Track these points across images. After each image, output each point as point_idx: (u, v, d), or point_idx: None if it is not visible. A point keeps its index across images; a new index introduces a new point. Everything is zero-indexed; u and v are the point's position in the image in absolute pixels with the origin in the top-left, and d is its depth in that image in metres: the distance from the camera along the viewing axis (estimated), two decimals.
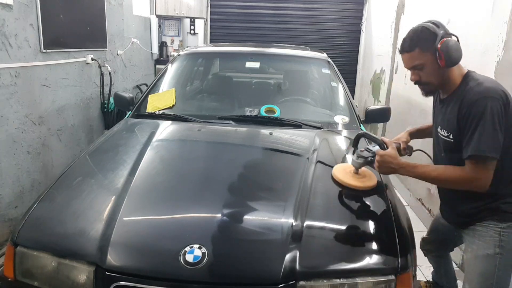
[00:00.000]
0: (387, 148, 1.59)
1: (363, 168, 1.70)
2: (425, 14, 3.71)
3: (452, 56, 1.43)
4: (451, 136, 1.51)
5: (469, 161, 1.42)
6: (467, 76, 1.50)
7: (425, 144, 1.82)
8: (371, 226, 1.51)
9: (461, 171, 1.44)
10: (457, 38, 1.47)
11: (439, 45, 1.43)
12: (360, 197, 1.66)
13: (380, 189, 1.69)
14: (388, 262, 1.33)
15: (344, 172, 1.71)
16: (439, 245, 1.95)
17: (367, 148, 1.67)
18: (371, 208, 1.60)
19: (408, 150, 1.82)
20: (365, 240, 1.45)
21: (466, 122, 1.42)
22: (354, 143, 1.72)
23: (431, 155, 1.74)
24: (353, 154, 1.69)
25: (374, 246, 1.41)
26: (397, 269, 1.32)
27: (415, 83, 1.57)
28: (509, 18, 2.30)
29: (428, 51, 1.46)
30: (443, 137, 1.55)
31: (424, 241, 2.00)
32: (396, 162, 1.52)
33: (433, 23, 1.49)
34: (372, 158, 1.61)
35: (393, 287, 1.30)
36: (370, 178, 1.70)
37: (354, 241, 1.44)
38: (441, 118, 1.58)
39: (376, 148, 1.64)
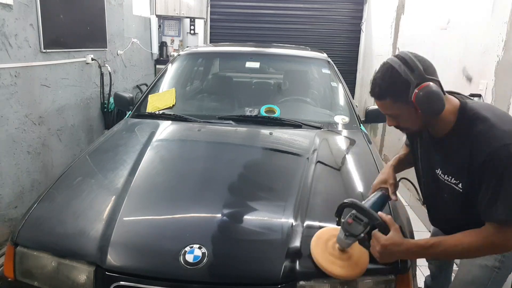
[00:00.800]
0: (388, 230, 1.24)
1: (354, 246, 1.30)
2: (425, 14, 3.71)
3: (431, 108, 1.18)
4: (460, 185, 1.27)
5: (495, 223, 1.17)
6: (465, 111, 1.24)
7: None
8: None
9: (486, 237, 1.18)
10: (438, 82, 1.20)
11: (413, 97, 1.17)
12: (360, 197, 1.65)
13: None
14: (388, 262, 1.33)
15: (325, 249, 1.30)
16: None
17: (356, 217, 1.25)
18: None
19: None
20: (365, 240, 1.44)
21: (484, 175, 1.16)
22: (337, 212, 1.30)
23: (415, 182, 1.52)
24: (337, 225, 1.29)
25: None
26: (397, 269, 1.31)
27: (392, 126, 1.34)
28: (509, 18, 2.30)
29: (401, 102, 1.21)
30: (448, 182, 1.31)
31: None
32: (403, 249, 1.21)
33: (406, 62, 1.19)
34: (365, 235, 1.26)
35: (393, 287, 1.30)
36: (358, 262, 1.28)
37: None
38: (441, 162, 1.34)
39: (367, 220, 1.24)
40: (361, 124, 2.47)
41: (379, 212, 1.29)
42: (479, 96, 2.50)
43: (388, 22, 4.94)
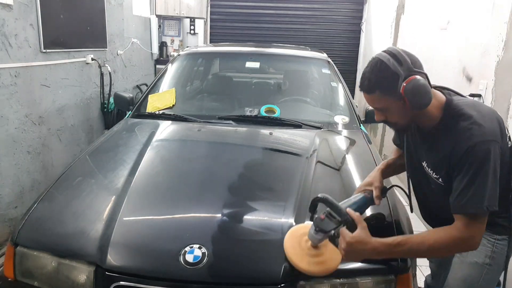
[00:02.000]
0: (355, 228, 1.21)
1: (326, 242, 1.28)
2: (425, 14, 3.71)
3: (418, 102, 1.19)
4: (440, 180, 1.30)
5: (464, 216, 1.18)
6: (450, 108, 1.26)
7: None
8: (371, 226, 1.50)
9: (454, 231, 1.19)
10: (425, 75, 1.22)
11: (402, 89, 1.18)
12: None
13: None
14: (388, 262, 1.33)
15: (298, 246, 1.28)
16: None
17: (329, 214, 1.23)
18: (371, 208, 1.59)
19: (383, 193, 1.47)
20: None
21: (461, 168, 1.19)
22: (311, 207, 1.29)
23: (406, 189, 1.53)
24: (311, 220, 1.28)
25: None
26: (397, 269, 1.32)
27: (380, 122, 1.35)
28: (509, 18, 2.30)
29: (389, 95, 1.22)
30: (433, 177, 1.34)
31: None
32: (369, 248, 1.19)
33: (394, 55, 1.21)
34: (336, 233, 1.23)
35: (393, 287, 1.30)
36: (327, 260, 1.26)
37: None
38: (426, 155, 1.36)
39: (340, 219, 1.22)
40: (361, 124, 2.47)
41: (348, 209, 1.25)
42: (479, 96, 2.50)
43: (388, 22, 4.94)
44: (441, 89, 1.33)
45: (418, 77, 1.18)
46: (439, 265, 1.92)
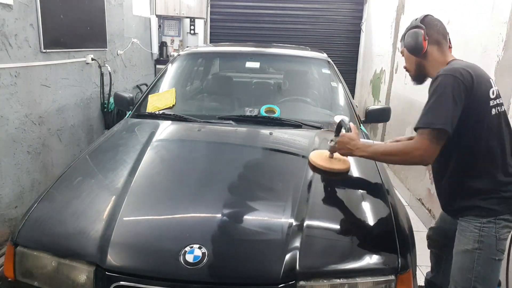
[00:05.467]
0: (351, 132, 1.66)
1: (338, 154, 1.77)
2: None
3: (410, 45, 1.58)
4: None
5: (416, 132, 1.47)
6: (449, 64, 1.55)
7: None
8: (371, 226, 1.51)
9: (407, 143, 1.49)
10: (422, 29, 1.58)
11: (405, 36, 1.62)
12: (360, 197, 1.66)
13: (380, 189, 1.70)
14: (388, 262, 1.33)
15: (319, 157, 1.81)
16: (444, 236, 1.90)
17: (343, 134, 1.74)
18: (371, 208, 1.60)
19: None
20: (365, 240, 1.44)
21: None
22: (336, 130, 1.77)
23: None
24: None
25: (374, 246, 1.41)
26: (397, 269, 1.32)
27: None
28: (509, 18, 2.30)
29: (402, 41, 1.67)
30: None
31: (431, 230, 1.99)
32: (353, 143, 1.60)
33: (421, 16, 1.64)
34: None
35: (393, 287, 1.30)
36: (343, 162, 1.79)
37: (354, 241, 1.44)
38: None
39: (346, 127, 1.72)
40: (361, 124, 2.47)
41: (351, 123, 1.73)
42: None
43: (388, 22, 4.94)
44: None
45: (415, 29, 1.58)
46: (438, 257, 1.97)
